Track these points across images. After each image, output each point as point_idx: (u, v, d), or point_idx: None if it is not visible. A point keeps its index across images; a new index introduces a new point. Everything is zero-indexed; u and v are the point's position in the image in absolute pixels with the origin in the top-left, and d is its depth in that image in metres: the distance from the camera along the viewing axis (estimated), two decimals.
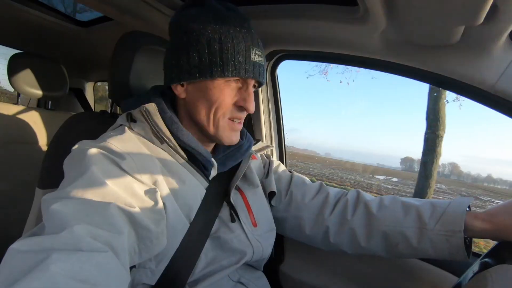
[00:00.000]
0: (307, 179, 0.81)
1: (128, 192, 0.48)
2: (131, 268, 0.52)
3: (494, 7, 0.50)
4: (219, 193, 0.65)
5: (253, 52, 0.57)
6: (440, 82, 0.74)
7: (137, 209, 0.47)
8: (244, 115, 0.62)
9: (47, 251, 0.34)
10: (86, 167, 0.47)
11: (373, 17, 0.64)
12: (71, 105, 2.00)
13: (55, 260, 0.33)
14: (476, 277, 0.50)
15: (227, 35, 0.55)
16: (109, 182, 0.46)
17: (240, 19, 0.58)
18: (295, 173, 0.82)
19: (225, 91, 0.58)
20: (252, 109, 0.60)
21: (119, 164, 0.50)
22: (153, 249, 0.49)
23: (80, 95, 1.99)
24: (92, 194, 0.44)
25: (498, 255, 0.54)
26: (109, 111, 0.85)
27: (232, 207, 0.65)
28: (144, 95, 0.64)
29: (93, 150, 0.50)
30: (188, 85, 0.60)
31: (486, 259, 0.53)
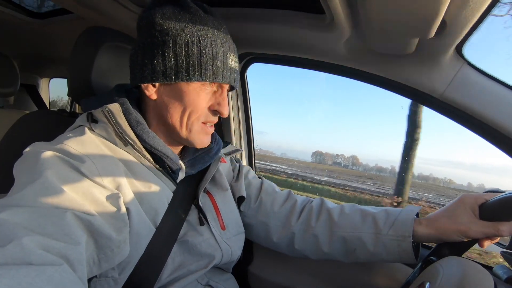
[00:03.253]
0: (276, 186, 0.82)
1: (87, 198, 0.45)
2: (91, 278, 0.49)
3: (443, 22, 0.56)
4: (187, 196, 0.64)
5: (230, 58, 0.58)
6: (396, 88, 0.80)
7: (96, 217, 0.44)
8: (217, 119, 0.62)
9: None
10: (39, 172, 0.43)
11: (338, 26, 0.67)
12: (22, 103, 1.83)
13: None
14: (428, 268, 0.56)
15: (205, 39, 0.54)
16: (65, 188, 0.43)
17: (218, 23, 0.57)
18: (265, 180, 0.83)
19: (201, 95, 0.57)
20: (226, 113, 0.60)
21: (78, 167, 0.47)
22: (114, 259, 0.47)
23: (33, 92, 1.84)
24: (45, 202, 0.40)
25: (439, 253, 0.62)
26: (68, 110, 0.79)
27: (200, 210, 0.64)
28: (107, 94, 0.61)
29: (48, 153, 0.46)
30: (160, 86, 0.57)
31: (430, 257, 0.61)
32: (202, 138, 0.61)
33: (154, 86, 0.57)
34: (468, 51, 0.67)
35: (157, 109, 0.59)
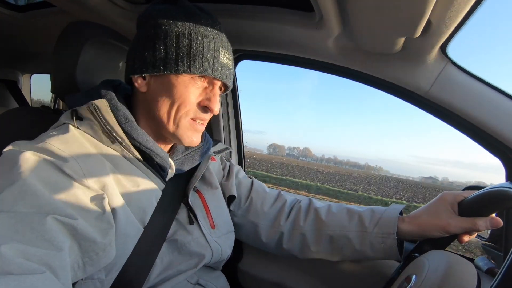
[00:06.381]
0: (266, 187, 0.83)
1: (70, 200, 0.44)
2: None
3: (428, 22, 0.57)
4: (177, 195, 0.63)
5: (222, 53, 0.57)
6: (383, 86, 0.81)
7: (79, 220, 0.43)
8: (208, 116, 0.60)
9: None
10: (18, 174, 0.41)
11: (327, 24, 0.67)
12: (2, 99, 1.77)
13: None
14: (414, 261, 0.58)
15: (197, 32, 0.54)
16: (46, 191, 0.41)
17: (211, 20, 0.58)
18: (256, 180, 0.83)
19: (190, 88, 0.56)
20: (217, 110, 0.59)
21: (61, 167, 0.45)
22: (100, 262, 0.46)
23: (13, 88, 1.77)
24: (24, 206, 0.39)
25: (422, 249, 0.65)
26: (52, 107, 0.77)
27: (190, 209, 0.64)
28: (93, 89, 0.59)
29: (28, 154, 0.44)
30: (150, 79, 0.57)
31: (413, 253, 0.64)
32: (190, 135, 0.59)
33: (144, 78, 0.57)
34: (452, 51, 0.69)
35: (146, 102, 0.59)
